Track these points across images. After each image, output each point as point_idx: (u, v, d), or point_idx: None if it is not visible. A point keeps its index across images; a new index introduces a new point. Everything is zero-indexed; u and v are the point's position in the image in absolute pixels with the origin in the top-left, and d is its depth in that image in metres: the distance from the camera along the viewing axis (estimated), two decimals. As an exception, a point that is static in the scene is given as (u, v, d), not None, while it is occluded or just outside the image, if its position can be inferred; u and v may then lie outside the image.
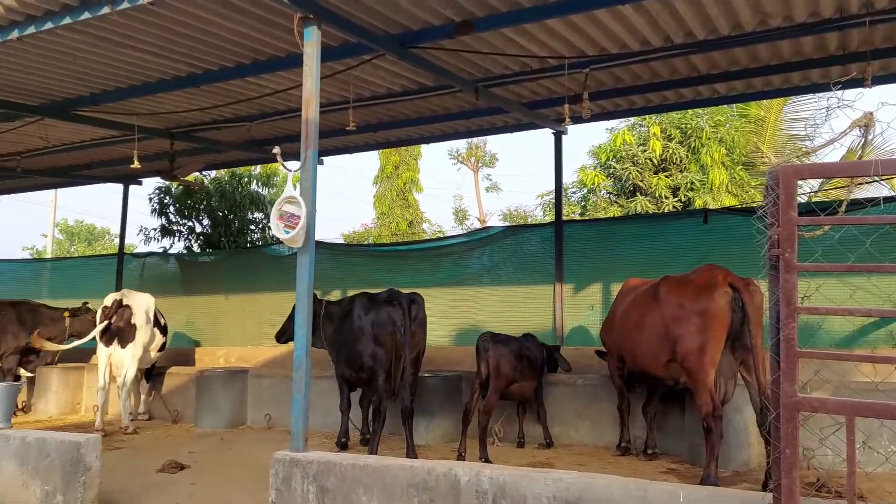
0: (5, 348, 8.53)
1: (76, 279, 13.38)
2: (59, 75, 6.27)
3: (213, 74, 6.32)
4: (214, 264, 12.12)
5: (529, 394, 6.62)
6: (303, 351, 4.39)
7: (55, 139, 8.33)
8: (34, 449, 4.68)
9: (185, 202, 13.48)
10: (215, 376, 8.35)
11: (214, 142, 8.79)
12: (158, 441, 7.51)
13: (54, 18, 4.74)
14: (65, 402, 9.24)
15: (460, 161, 25.71)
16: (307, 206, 4.42)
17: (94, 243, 33.40)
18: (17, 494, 4.65)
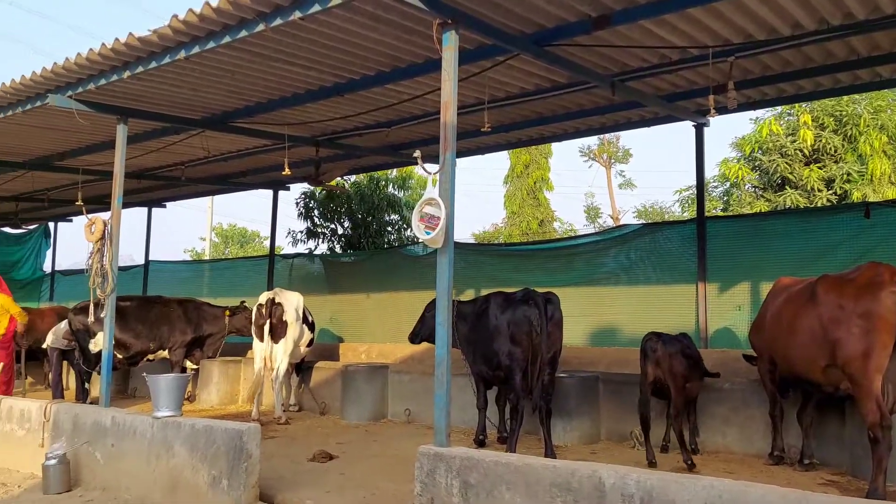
0: (174, 342, 9.37)
1: (232, 279, 14.44)
2: (218, 90, 6.79)
3: (356, 83, 6.61)
4: (355, 264, 12.65)
5: (697, 394, 6.39)
6: (444, 348, 4.50)
7: (214, 149, 9.04)
8: (202, 436, 5.11)
9: (328, 206, 14.21)
10: (359, 371, 8.73)
11: (355, 147, 9.19)
12: (309, 431, 7.96)
13: (216, 38, 5.15)
14: (225, 393, 10.00)
15: (592, 158, 25.25)
16: (446, 207, 4.53)
17: (246, 245, 35.85)
18: (188, 477, 5.10)
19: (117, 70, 5.77)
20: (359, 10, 4.86)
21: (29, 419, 6.31)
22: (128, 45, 5.29)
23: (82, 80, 6.06)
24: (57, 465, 5.49)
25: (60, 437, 5.89)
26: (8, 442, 6.43)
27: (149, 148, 8.74)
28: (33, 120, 7.22)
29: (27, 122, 7.25)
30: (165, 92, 6.63)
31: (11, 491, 5.55)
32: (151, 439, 5.35)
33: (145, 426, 5.43)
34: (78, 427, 5.88)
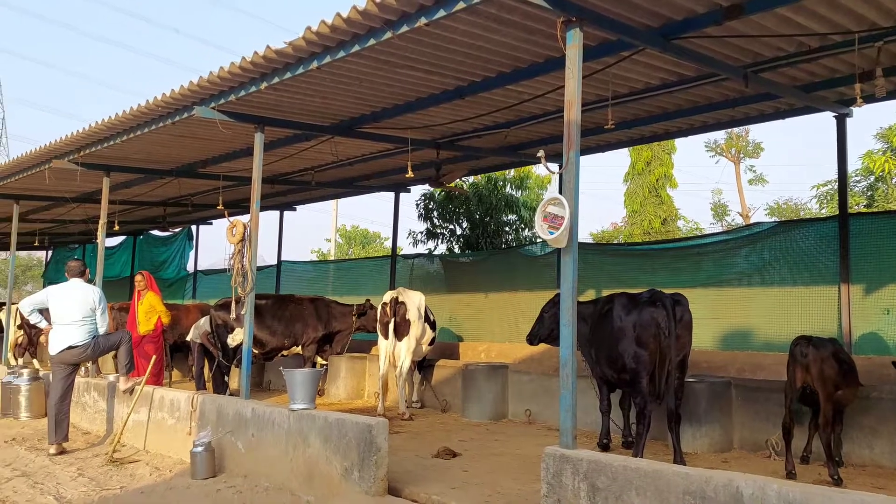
0: (306, 339, 9.85)
1: (355, 278, 14.96)
2: (347, 98, 7.07)
3: (477, 86, 6.68)
4: (474, 264, 12.77)
5: (851, 402, 5.98)
6: (569, 350, 4.46)
7: (342, 154, 9.42)
8: (335, 428, 5.34)
9: (446, 207, 14.43)
10: (479, 370, 8.81)
11: (475, 149, 9.27)
12: (431, 427, 8.13)
13: (345, 47, 5.37)
14: (352, 388, 10.40)
15: (719, 153, 24.12)
16: (570, 206, 4.49)
17: (368, 246, 37.05)
18: (322, 467, 5.35)
19: (255, 81, 6.14)
20: (482, 12, 4.91)
21: (178, 408, 6.83)
22: (265, 57, 5.62)
23: (224, 91, 6.49)
24: (203, 453, 5.91)
25: (206, 426, 6.34)
26: (160, 429, 6.99)
27: (282, 154, 9.23)
28: (180, 130, 7.81)
29: (175, 132, 7.84)
30: (298, 101, 6.97)
31: (164, 475, 6.04)
32: (288, 430, 5.65)
33: (282, 418, 5.74)
34: (221, 417, 6.31)
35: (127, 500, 5.22)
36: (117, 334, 7.51)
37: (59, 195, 11.95)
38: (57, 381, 7.07)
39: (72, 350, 7.03)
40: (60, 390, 7.02)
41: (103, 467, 6.26)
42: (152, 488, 5.58)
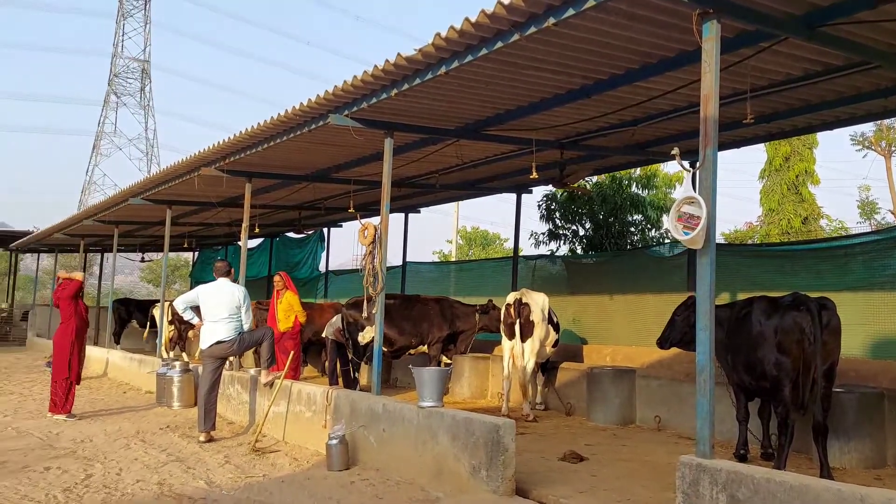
0: (433, 338, 10.06)
1: (477, 279, 15.09)
2: (472, 101, 7.16)
3: (604, 84, 6.56)
4: (598, 266, 12.53)
5: None
6: (706, 355, 4.29)
7: (466, 157, 9.54)
8: (463, 427, 5.43)
9: (569, 207, 14.24)
10: (605, 374, 8.64)
11: (600, 148, 9.10)
12: (556, 430, 8.06)
13: (473, 51, 5.44)
14: (475, 388, 10.50)
15: (867, 146, 22.29)
16: (707, 206, 4.32)
17: (488, 247, 37.24)
18: (450, 464, 5.44)
19: (386, 88, 6.34)
20: (612, 9, 4.82)
21: (314, 402, 7.18)
22: (396, 64, 5.80)
23: (356, 99, 6.75)
24: (338, 445, 6.17)
25: (340, 419, 6.62)
26: (298, 421, 7.37)
27: (408, 158, 9.46)
28: (315, 138, 8.19)
29: (311, 139, 8.24)
30: (425, 106, 7.14)
31: (302, 465, 6.36)
32: (417, 427, 5.80)
33: (412, 414, 5.90)
34: (354, 412, 6.57)
35: (269, 487, 5.54)
36: (260, 331, 8.00)
37: (206, 200, 12.87)
38: (206, 374, 7.62)
39: (220, 345, 7.57)
40: (209, 382, 7.56)
41: (247, 456, 6.68)
42: (292, 478, 5.89)
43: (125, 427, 8.04)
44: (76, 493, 5.19)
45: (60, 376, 8.63)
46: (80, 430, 7.79)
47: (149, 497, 5.15)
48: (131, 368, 12.62)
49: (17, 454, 6.46)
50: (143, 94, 70.80)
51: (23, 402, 9.69)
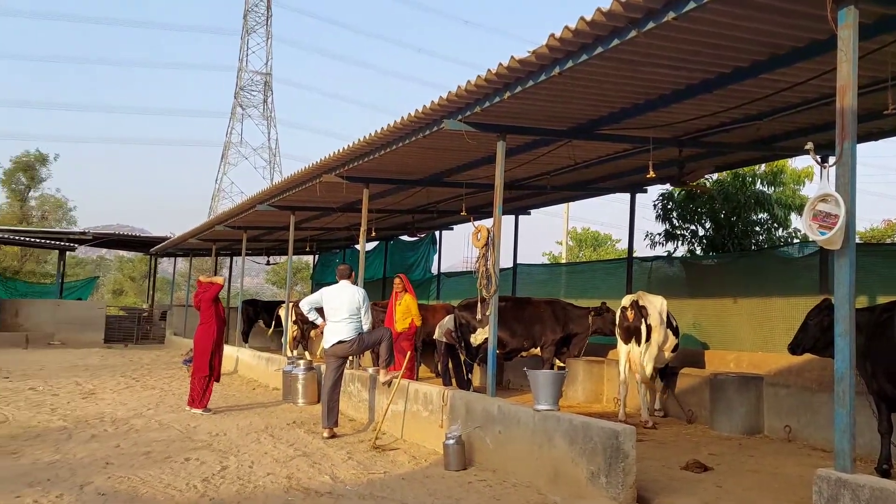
0: (545, 340, 9.99)
1: (589, 281, 14.83)
2: (586, 101, 7.06)
3: (726, 78, 6.28)
4: (719, 267, 12.00)
5: None
6: (845, 363, 4.02)
7: (579, 157, 9.42)
8: (580, 432, 5.36)
9: (687, 207, 13.72)
10: (730, 381, 8.27)
11: (722, 144, 8.72)
12: (677, 438, 7.80)
13: (587, 50, 5.36)
14: (590, 392, 10.32)
15: None
16: (846, 204, 4.05)
17: (599, 248, 36.53)
18: (568, 468, 5.39)
19: (499, 92, 6.38)
20: (737, 0, 4.62)
21: (431, 402, 7.31)
22: (509, 67, 5.82)
23: (469, 104, 6.82)
24: (455, 445, 6.26)
25: (456, 420, 6.71)
26: (415, 420, 7.53)
27: (520, 161, 9.46)
28: (429, 143, 8.34)
29: (425, 145, 8.40)
30: (538, 107, 7.11)
31: (420, 464, 6.49)
32: (533, 429, 5.78)
33: (527, 417, 5.89)
34: (470, 412, 6.64)
35: (390, 484, 5.69)
36: (379, 331, 8.25)
37: (326, 206, 13.42)
38: (329, 372, 7.94)
39: (341, 344, 7.87)
40: (332, 380, 7.88)
41: (368, 452, 6.90)
42: (411, 475, 6.03)
43: (255, 422, 8.51)
44: (213, 483, 5.55)
45: (201, 374, 9.26)
46: (215, 424, 8.32)
47: (278, 490, 5.43)
48: (259, 366, 13.34)
49: (161, 445, 6.98)
50: (266, 106, 74.66)
51: (164, 397, 10.46)
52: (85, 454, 6.42)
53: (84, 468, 5.87)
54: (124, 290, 47.27)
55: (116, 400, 9.94)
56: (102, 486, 5.34)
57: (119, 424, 8.01)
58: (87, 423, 8.04)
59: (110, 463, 6.09)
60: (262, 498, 5.19)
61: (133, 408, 9.28)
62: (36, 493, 5.04)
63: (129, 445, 6.87)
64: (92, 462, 6.10)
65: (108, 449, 6.67)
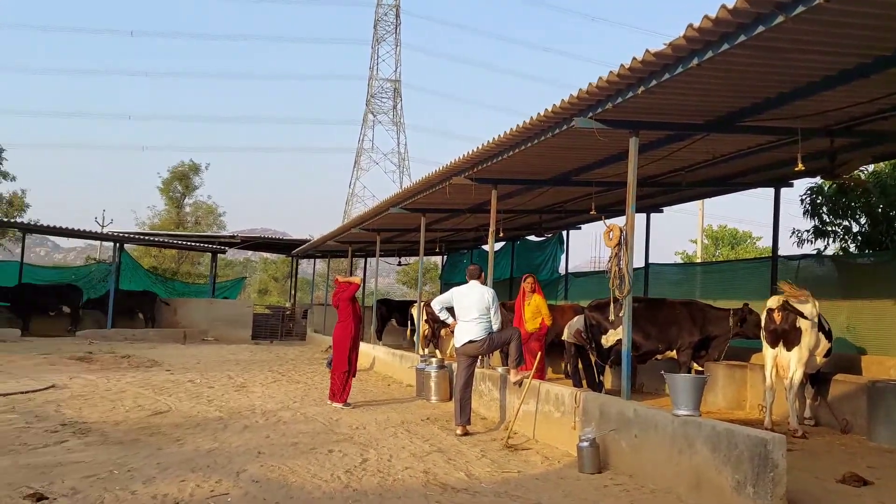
0: (682, 343, 9.62)
1: (726, 281, 14.13)
2: (725, 92, 6.74)
3: (886, 60, 5.79)
4: (878, 266, 11.07)
5: None
6: None
7: (717, 152, 9.01)
8: (724, 439, 5.12)
9: (839, 201, 12.74)
10: (890, 389, 7.61)
11: (880, 133, 8.05)
12: (830, 448, 7.29)
13: (729, 39, 5.12)
14: (731, 398, 9.84)
15: None
16: None
17: (737, 247, 34.67)
18: (711, 476, 5.17)
19: (632, 87, 6.23)
20: (898, -24, 4.26)
21: (563, 403, 7.25)
22: (644, 61, 5.67)
23: (601, 101, 6.71)
24: (589, 448, 6.17)
25: (590, 422, 6.62)
26: (547, 421, 7.50)
27: (652, 157, 9.18)
28: (558, 142, 8.27)
29: (553, 144, 8.34)
30: (673, 101, 6.87)
31: (554, 465, 6.46)
32: (672, 435, 5.60)
33: (666, 421, 5.71)
34: (604, 415, 6.52)
35: (525, 483, 5.71)
36: (508, 331, 8.29)
37: (455, 207, 13.66)
38: (461, 371, 8.08)
39: (472, 344, 7.98)
40: (464, 378, 8.00)
41: (501, 451, 6.96)
42: (545, 476, 6.02)
43: (392, 417, 8.81)
44: (356, 475, 5.81)
45: (340, 369, 9.71)
46: (355, 417, 8.69)
47: (417, 484, 5.59)
48: (393, 363, 13.79)
49: (306, 437, 7.39)
50: (395, 112, 76.95)
51: (308, 391, 11.05)
52: (239, 443, 6.92)
53: (239, 456, 6.33)
54: (268, 290, 50.36)
55: (265, 393, 10.62)
56: (256, 473, 5.74)
57: (269, 416, 8.56)
58: (240, 414, 8.66)
59: (262, 452, 6.52)
60: (402, 491, 5.36)
61: (280, 401, 9.88)
62: (198, 479, 5.49)
63: (278, 436, 7.33)
64: (246, 451, 6.57)
65: (259, 439, 7.15)
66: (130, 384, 10.86)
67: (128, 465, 5.81)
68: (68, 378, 11.14)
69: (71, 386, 10.34)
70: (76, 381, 10.94)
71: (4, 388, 9.70)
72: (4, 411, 8.04)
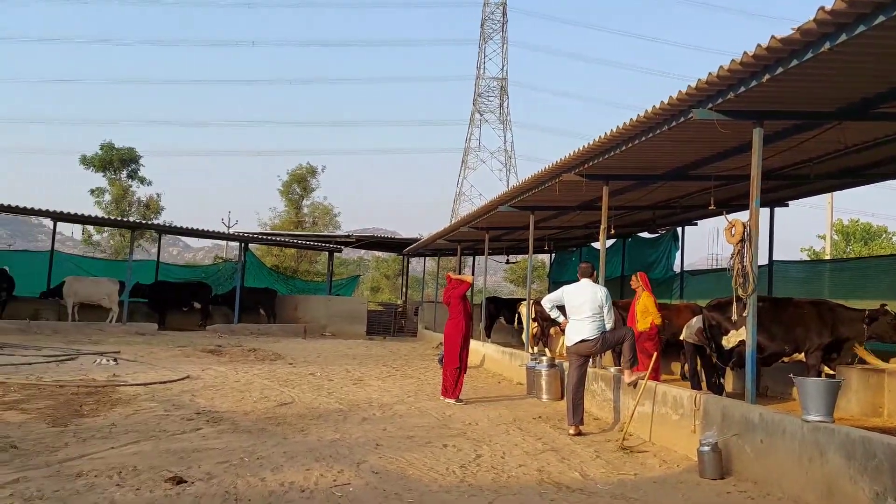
0: (810, 345, 9.07)
1: (859, 280, 13.18)
2: (858, 77, 6.29)
3: None
4: None
5: None
6: None
7: (849, 141, 8.43)
8: (859, 447, 4.80)
9: None
10: None
11: None
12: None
13: (866, 20, 4.79)
14: (865, 404, 9.17)
15: None
16: None
17: (871, 243, 32.24)
18: (844, 486, 4.86)
19: (756, 75, 5.94)
20: None
21: (681, 405, 7.03)
22: (769, 48, 5.41)
23: (721, 91, 6.45)
24: (710, 453, 5.95)
25: (711, 426, 6.38)
26: (664, 423, 7.29)
27: (777, 149, 8.70)
28: (674, 136, 8.00)
29: (669, 138, 8.08)
30: (801, 88, 6.49)
31: (672, 468, 6.28)
32: (801, 441, 5.31)
33: (794, 427, 5.42)
34: (726, 419, 6.27)
35: (641, 486, 5.59)
36: (622, 330, 8.13)
37: (564, 205, 13.51)
38: (573, 370, 8.00)
39: (584, 343, 7.89)
40: (576, 378, 7.92)
41: (615, 452, 6.84)
42: (663, 479, 5.86)
43: (503, 414, 8.86)
44: (470, 470, 5.89)
45: (452, 366, 9.87)
46: (468, 413, 8.81)
47: (531, 482, 5.60)
48: (503, 361, 13.83)
49: (422, 431, 7.57)
50: (502, 110, 76.95)
51: (421, 386, 11.30)
52: (359, 434, 7.18)
53: (359, 447, 6.57)
54: (380, 287, 51.75)
55: (381, 387, 10.95)
56: (375, 464, 5.94)
57: (385, 409, 8.83)
58: (358, 406, 8.98)
59: (380, 444, 6.74)
60: (517, 488, 5.39)
61: (396, 395, 10.16)
62: (322, 468, 5.75)
63: (395, 429, 7.55)
64: (365, 442, 6.81)
65: (377, 431, 7.39)
66: (257, 376, 11.50)
67: (257, 452, 6.17)
68: (201, 369, 11.94)
69: (203, 377, 11.07)
70: (208, 372, 11.70)
71: (145, 378, 10.53)
72: (146, 399, 8.73)
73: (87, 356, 12.83)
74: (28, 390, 8.88)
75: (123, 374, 10.78)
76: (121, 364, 12.09)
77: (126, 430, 6.88)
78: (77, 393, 8.86)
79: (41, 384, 9.32)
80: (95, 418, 7.37)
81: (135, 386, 9.69)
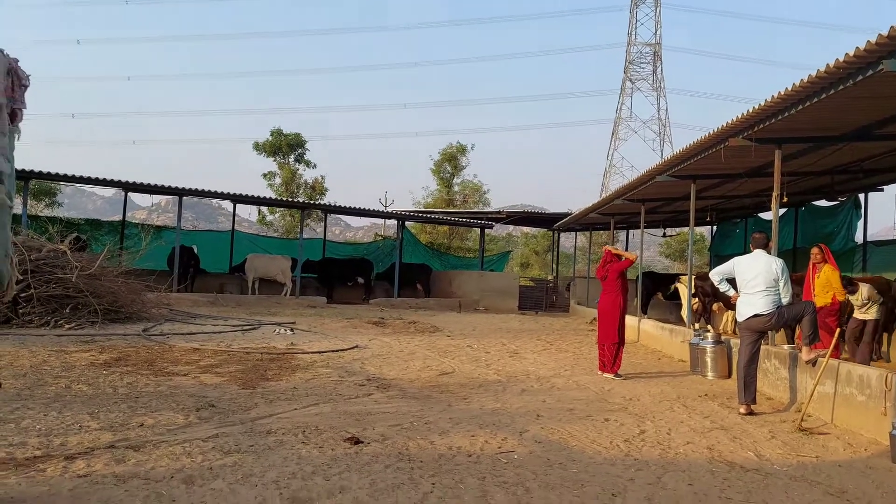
0: None
1: None
2: None
3: None
4: None
5: None
6: None
7: None
8: None
9: None
10: None
11: None
12: None
13: None
14: None
15: None
16: None
17: None
18: None
19: (962, 20, 5.28)
20: None
21: (868, 386, 6.48)
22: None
23: (919, 38, 5.80)
24: (904, 436, 5.46)
25: (905, 407, 5.84)
26: (848, 404, 6.77)
27: None
28: (857, 92, 7.32)
29: (851, 95, 7.40)
30: None
31: (858, 452, 5.83)
32: None
33: None
34: (923, 400, 5.71)
35: (824, 469, 5.25)
36: (801, 305, 7.61)
37: (729, 172, 12.77)
38: (744, 347, 7.60)
39: (757, 318, 7.46)
40: (748, 355, 7.53)
41: (793, 433, 6.45)
42: (849, 464, 5.47)
43: (666, 391, 8.62)
44: (635, 444, 5.82)
45: (610, 341, 9.72)
46: (628, 389, 8.66)
47: (701, 459, 5.43)
48: (662, 337, 13.40)
49: (581, 404, 7.55)
50: (655, 77, 73.67)
51: (577, 361, 11.24)
52: (519, 405, 7.30)
53: (520, 417, 6.69)
54: (530, 263, 51.74)
55: (537, 360, 11.03)
56: (537, 434, 6.03)
57: (542, 382, 8.89)
58: (516, 378, 9.11)
59: (541, 415, 6.81)
60: (685, 465, 5.26)
61: (552, 368, 10.19)
62: (486, 435, 5.92)
63: (554, 401, 7.59)
64: (526, 413, 6.91)
65: (536, 403, 7.47)
66: (419, 347, 11.98)
67: (424, 417, 6.47)
68: (368, 340, 12.63)
69: (370, 346, 11.71)
70: (374, 342, 12.36)
71: (319, 346, 11.32)
72: (322, 366, 9.39)
73: (268, 326, 13.99)
74: (220, 356, 9.86)
75: (300, 343, 11.65)
76: (297, 333, 13.07)
77: (306, 392, 7.46)
78: (262, 359, 9.71)
79: (231, 350, 10.32)
80: (279, 382, 8.04)
81: (311, 354, 10.45)
